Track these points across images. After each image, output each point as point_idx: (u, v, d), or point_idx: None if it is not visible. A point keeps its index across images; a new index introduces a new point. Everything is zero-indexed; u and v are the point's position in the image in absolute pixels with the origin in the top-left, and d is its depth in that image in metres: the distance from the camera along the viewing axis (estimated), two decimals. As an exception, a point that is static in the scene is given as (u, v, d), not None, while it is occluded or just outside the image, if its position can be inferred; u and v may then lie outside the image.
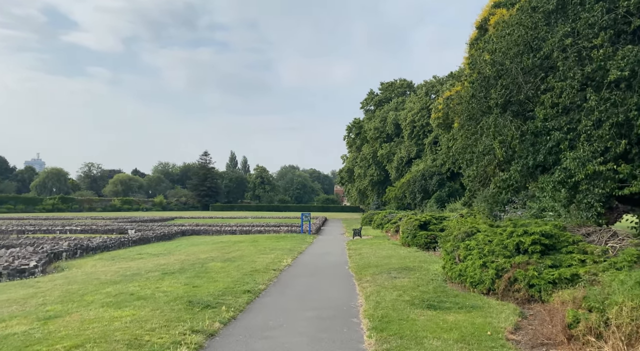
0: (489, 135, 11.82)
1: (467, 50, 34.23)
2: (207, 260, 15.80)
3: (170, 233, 30.01)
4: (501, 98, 11.26)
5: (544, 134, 10.58)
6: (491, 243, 10.23)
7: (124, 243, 23.90)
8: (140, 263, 15.96)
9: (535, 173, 11.38)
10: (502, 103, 11.38)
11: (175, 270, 13.44)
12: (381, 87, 76.09)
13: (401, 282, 11.11)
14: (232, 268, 13.57)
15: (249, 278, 11.78)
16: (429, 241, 20.25)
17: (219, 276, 12.12)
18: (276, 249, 19.79)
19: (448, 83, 49.45)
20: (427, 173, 47.84)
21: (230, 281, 11.15)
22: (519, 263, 9.01)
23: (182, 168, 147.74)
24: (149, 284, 10.95)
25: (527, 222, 10.74)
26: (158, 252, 20.04)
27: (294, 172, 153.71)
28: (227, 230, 33.31)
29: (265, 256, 17.04)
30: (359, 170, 71.74)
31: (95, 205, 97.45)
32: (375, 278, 11.89)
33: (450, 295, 9.41)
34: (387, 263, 15.04)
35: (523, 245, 9.48)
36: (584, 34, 10.05)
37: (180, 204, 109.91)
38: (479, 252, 10.17)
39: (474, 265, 9.92)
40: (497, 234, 10.46)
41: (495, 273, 9.25)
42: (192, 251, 19.94)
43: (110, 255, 19.28)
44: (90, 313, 7.84)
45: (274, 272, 13.12)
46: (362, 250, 19.67)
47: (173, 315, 7.70)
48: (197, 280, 11.35)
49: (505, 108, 11.53)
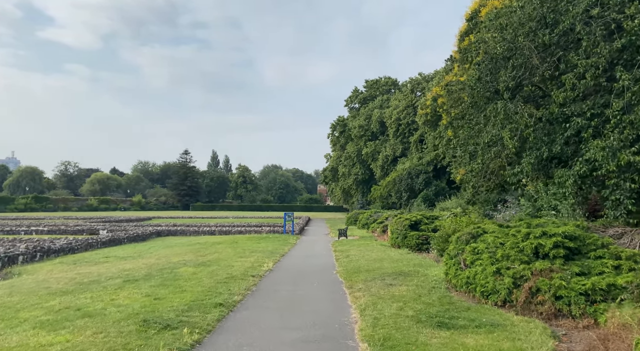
0: (497, 123, 10.42)
1: (456, 44, 33.08)
2: (179, 265, 14.16)
3: (144, 233, 28.15)
4: (512, 80, 9.83)
5: (561, 121, 9.20)
6: (503, 246, 8.82)
7: (92, 244, 22.03)
8: (103, 268, 14.25)
9: (549, 166, 9.99)
10: (513, 86, 9.97)
11: (139, 277, 11.80)
12: (366, 85, 74.80)
13: (399, 291, 9.64)
14: (205, 275, 11.96)
15: (223, 287, 10.19)
16: (420, 242, 18.90)
17: (189, 284, 10.50)
18: (257, 251, 18.21)
19: (435, 80, 48.33)
20: (413, 172, 46.61)
21: (200, 291, 9.55)
22: (540, 270, 7.60)
23: (162, 168, 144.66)
24: (104, 295, 9.30)
25: (542, 222, 9.37)
26: (127, 255, 18.30)
27: (277, 172, 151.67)
28: (205, 231, 31.56)
29: (244, 259, 15.46)
30: (343, 168, 70.29)
31: (70, 204, 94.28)
32: (369, 286, 10.41)
33: (460, 308, 7.96)
34: (379, 267, 13.59)
35: (543, 249, 8.09)
36: (613, 2, 8.68)
37: (160, 204, 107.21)
38: (490, 256, 8.75)
39: (485, 272, 8.49)
40: (510, 236, 9.07)
41: (513, 282, 7.84)
42: (164, 253, 18.25)
43: (74, 259, 17.48)
44: (12, 338, 6.18)
45: (253, 279, 11.55)
46: (349, 252, 18.21)
47: (119, 341, 6.07)
48: (162, 290, 9.73)
49: (514, 94, 10.13)
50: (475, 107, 12.09)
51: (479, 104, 11.79)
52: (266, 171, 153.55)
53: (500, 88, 10.13)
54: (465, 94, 12.79)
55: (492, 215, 20.01)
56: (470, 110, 12.49)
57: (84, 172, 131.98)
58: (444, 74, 45.28)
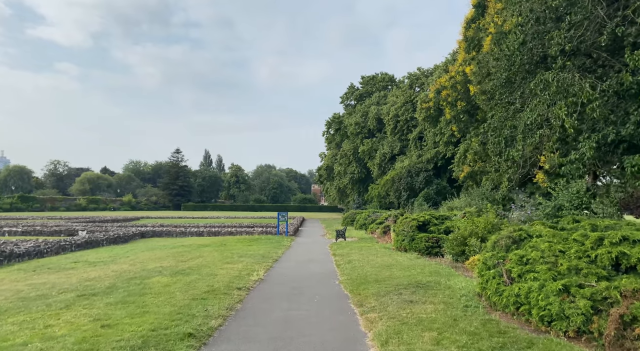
0: (544, 100, 8.28)
1: (461, 32, 31.06)
2: (153, 273, 11.96)
3: (127, 235, 25.86)
4: (568, 43, 7.70)
5: (636, 94, 7.10)
6: (565, 255, 6.70)
7: (65, 247, 19.76)
8: (63, 276, 12.01)
9: (614, 152, 7.88)
10: (569, 50, 7.84)
11: (99, 290, 9.61)
12: (362, 81, 72.73)
13: (424, 311, 7.50)
14: (179, 287, 9.77)
15: (198, 306, 8.00)
16: (430, 245, 16.81)
17: (156, 302, 8.30)
18: (246, 256, 16.02)
19: (435, 74, 46.28)
20: (413, 170, 44.57)
21: (167, 313, 7.35)
22: (634, 290, 5.49)
23: (154, 167, 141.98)
24: (41, 319, 7.09)
25: (612, 224, 7.26)
26: (99, 259, 16.06)
27: (270, 171, 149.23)
28: (193, 232, 29.32)
29: (230, 266, 13.29)
30: (339, 167, 68.11)
31: (58, 204, 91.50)
32: (383, 303, 8.27)
33: (519, 342, 5.80)
34: (390, 276, 11.46)
35: (627, 260, 5.99)
36: None
37: (151, 203, 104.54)
38: (549, 268, 6.62)
39: (544, 290, 6.36)
40: (571, 241, 6.95)
41: (592, 306, 5.72)
42: (141, 258, 16.03)
43: (37, 264, 15.20)
44: None
45: (239, 293, 9.36)
46: (351, 256, 16.10)
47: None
48: (118, 311, 7.52)
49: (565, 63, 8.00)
50: (508, 85, 9.96)
51: (514, 79, 9.67)
52: (259, 171, 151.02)
53: (552, 53, 8.00)
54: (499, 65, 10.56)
55: (504, 215, 17.97)
56: (501, 90, 10.33)
57: (74, 172, 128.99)
58: (443, 69, 43.41)
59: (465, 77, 28.25)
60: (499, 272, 7.70)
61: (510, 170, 12.42)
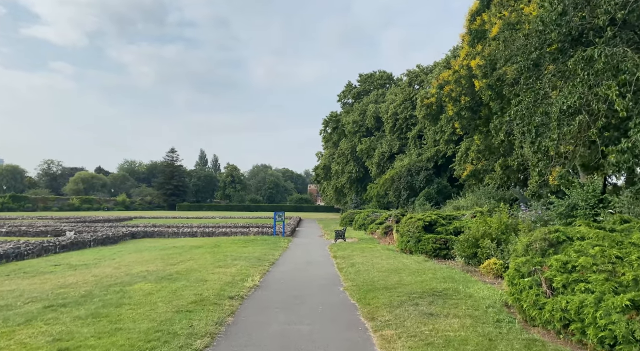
0: (586, 80, 7.12)
1: (465, 25, 29.92)
2: (136, 278, 10.75)
3: (116, 235, 24.59)
4: (620, 10, 6.55)
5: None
6: (626, 262, 5.55)
7: (48, 249, 18.49)
8: (38, 282, 10.78)
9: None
10: (621, 18, 6.69)
11: (72, 299, 8.40)
12: (360, 79, 71.59)
13: (450, 326, 6.33)
14: (163, 296, 8.56)
15: (182, 320, 6.79)
16: (438, 247, 15.68)
17: (133, 315, 7.08)
18: (241, 258, 14.82)
19: (435, 70, 45.12)
20: (413, 169, 43.41)
21: (143, 331, 6.15)
22: None
23: (148, 167, 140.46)
24: (-10, 338, 5.89)
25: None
26: (82, 262, 14.83)
27: (267, 171, 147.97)
28: (186, 232, 28.09)
29: (223, 270, 12.08)
30: (336, 166, 66.87)
31: (51, 204, 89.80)
32: (399, 316, 7.08)
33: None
34: (399, 281, 10.29)
35: None
36: None
37: (145, 203, 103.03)
38: (607, 277, 5.46)
39: (605, 305, 5.19)
40: (630, 246, 5.79)
41: (673, 328, 4.56)
42: (128, 261, 14.81)
43: (14, 268, 13.96)
44: None
45: (230, 304, 8.15)
46: (353, 259, 14.94)
47: None
48: (85, 328, 6.30)
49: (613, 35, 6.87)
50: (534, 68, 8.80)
51: (542, 62, 8.52)
52: (255, 171, 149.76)
53: (600, 24, 6.85)
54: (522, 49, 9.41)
55: (512, 214, 16.88)
56: (527, 74, 9.14)
57: (67, 171, 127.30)
58: (444, 65, 42.27)
59: (470, 71, 27.09)
60: (537, 281, 6.54)
61: (540, 163, 11.24)
